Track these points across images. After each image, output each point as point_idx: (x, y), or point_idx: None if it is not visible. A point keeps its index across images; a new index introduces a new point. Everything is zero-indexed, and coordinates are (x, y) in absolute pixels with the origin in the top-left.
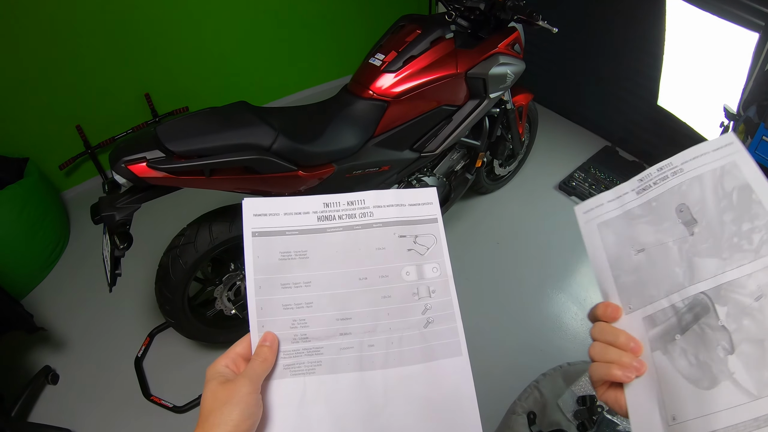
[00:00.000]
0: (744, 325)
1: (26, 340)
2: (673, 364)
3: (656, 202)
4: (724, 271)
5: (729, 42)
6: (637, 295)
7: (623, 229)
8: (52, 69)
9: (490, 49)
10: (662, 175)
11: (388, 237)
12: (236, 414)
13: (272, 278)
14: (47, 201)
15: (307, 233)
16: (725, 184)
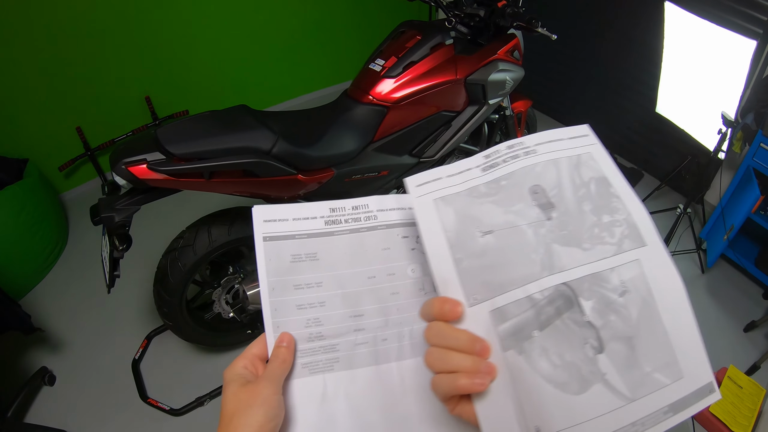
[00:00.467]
0: (611, 321)
1: (23, 340)
2: (531, 365)
3: (506, 180)
4: (587, 262)
5: (727, 50)
6: (483, 283)
7: (466, 207)
8: (52, 70)
9: (489, 56)
10: (513, 153)
11: (392, 238)
12: (260, 416)
13: (284, 280)
14: (46, 202)
15: (316, 236)
16: (582, 173)
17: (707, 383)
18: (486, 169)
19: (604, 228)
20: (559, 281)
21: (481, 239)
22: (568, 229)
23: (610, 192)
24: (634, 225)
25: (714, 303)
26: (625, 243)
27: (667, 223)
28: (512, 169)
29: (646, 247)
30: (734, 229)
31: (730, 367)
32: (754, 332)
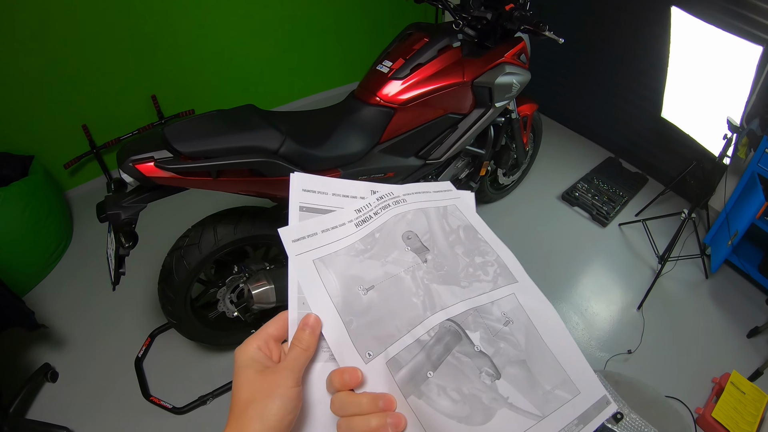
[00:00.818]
0: (501, 348)
1: (27, 337)
2: (432, 406)
3: (379, 232)
4: (467, 297)
5: (733, 55)
6: (374, 338)
7: (346, 267)
8: (59, 68)
9: (496, 59)
10: (383, 204)
11: None
12: (278, 408)
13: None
14: (51, 199)
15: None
16: (450, 222)
17: (601, 397)
18: (359, 224)
19: (477, 267)
20: (444, 318)
21: (365, 297)
22: (444, 269)
23: (477, 237)
24: (504, 265)
25: (717, 308)
26: (499, 280)
27: (671, 228)
28: (384, 220)
29: (518, 283)
30: (738, 234)
31: (733, 373)
32: (758, 338)
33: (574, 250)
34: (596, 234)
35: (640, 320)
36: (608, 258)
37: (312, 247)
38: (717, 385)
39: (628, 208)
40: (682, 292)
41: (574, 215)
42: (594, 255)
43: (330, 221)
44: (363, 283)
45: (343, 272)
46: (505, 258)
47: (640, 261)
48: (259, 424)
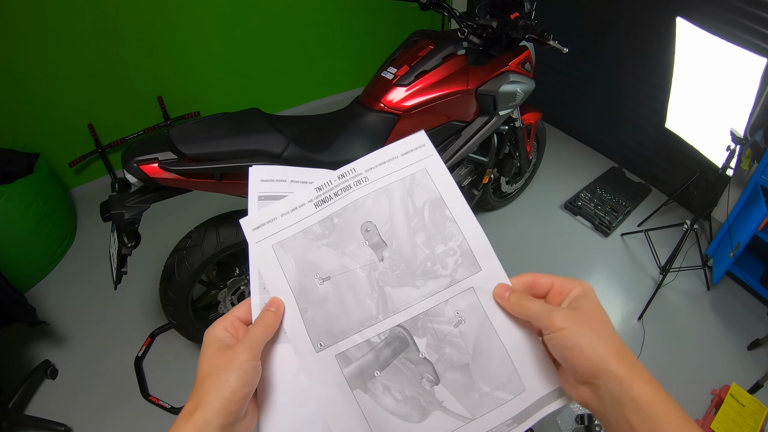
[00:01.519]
0: (446, 354)
1: (28, 333)
2: (377, 402)
3: (338, 218)
4: (421, 299)
5: (737, 66)
6: (326, 331)
7: (304, 252)
8: (67, 68)
9: (501, 67)
10: (344, 184)
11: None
12: (233, 380)
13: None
14: (55, 197)
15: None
16: (416, 198)
17: (552, 390)
18: (318, 205)
19: (437, 260)
20: (394, 324)
21: (321, 287)
22: (400, 269)
23: (444, 215)
24: (468, 251)
25: (718, 320)
26: (459, 272)
27: (673, 238)
28: (343, 204)
29: (481, 272)
30: (741, 246)
31: (733, 385)
32: (758, 350)
33: (576, 260)
34: (598, 244)
35: (641, 331)
36: (610, 268)
37: (271, 232)
38: (716, 397)
39: (630, 218)
40: (683, 304)
41: (577, 224)
42: (596, 265)
43: (289, 204)
44: (320, 272)
45: (300, 257)
46: (472, 241)
47: (641, 271)
48: (216, 395)
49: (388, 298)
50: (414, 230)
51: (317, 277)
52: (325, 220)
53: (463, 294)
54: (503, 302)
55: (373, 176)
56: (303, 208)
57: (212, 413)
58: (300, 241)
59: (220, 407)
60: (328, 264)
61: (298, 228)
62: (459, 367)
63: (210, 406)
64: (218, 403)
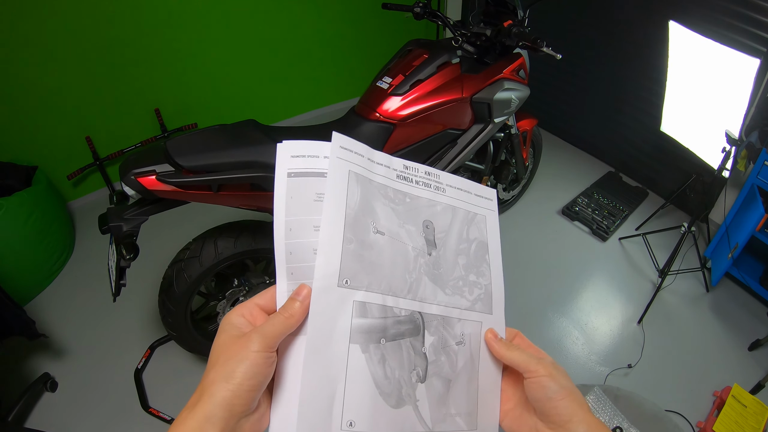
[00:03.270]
0: (441, 361)
1: (27, 346)
2: (369, 366)
3: (410, 200)
4: (444, 305)
5: (731, 68)
6: (357, 273)
7: (372, 197)
8: (64, 80)
9: (495, 75)
10: (426, 180)
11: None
12: (240, 371)
13: (304, 219)
14: (54, 210)
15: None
16: (470, 231)
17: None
18: (399, 178)
19: (467, 284)
20: (416, 308)
21: (372, 235)
22: (439, 270)
23: (484, 257)
24: (490, 294)
25: (718, 321)
26: (477, 305)
27: (671, 241)
28: (418, 194)
29: (491, 316)
30: (739, 247)
31: (734, 386)
32: (759, 351)
33: (575, 265)
34: (596, 248)
35: (641, 334)
36: (608, 272)
37: (355, 161)
38: (718, 398)
39: (628, 222)
40: (682, 306)
41: (575, 230)
42: (594, 269)
43: (380, 157)
44: (377, 222)
45: (367, 199)
46: (495, 288)
47: (640, 275)
48: (220, 386)
49: (422, 285)
50: (460, 251)
51: (373, 224)
52: (400, 193)
53: (472, 322)
54: (493, 345)
55: (450, 192)
56: (388, 169)
57: (215, 406)
58: (374, 188)
59: (224, 399)
60: (387, 222)
61: (378, 179)
62: (444, 379)
63: (213, 398)
64: (221, 395)
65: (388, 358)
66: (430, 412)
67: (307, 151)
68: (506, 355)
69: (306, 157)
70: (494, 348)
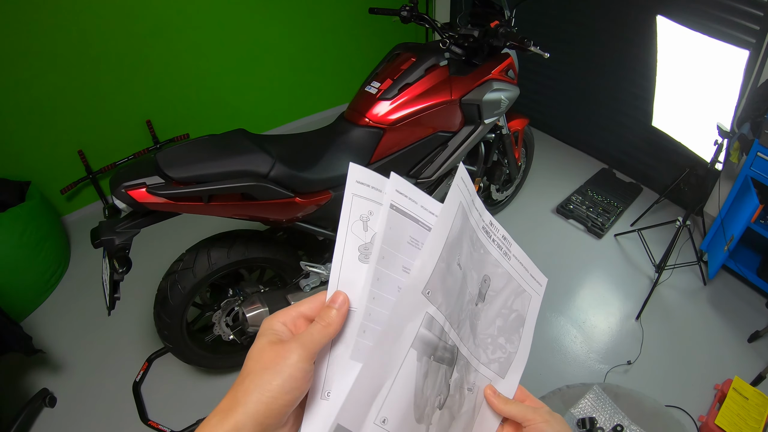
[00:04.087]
0: (455, 398)
1: (24, 362)
2: (415, 375)
3: (483, 252)
4: (469, 352)
5: (720, 61)
6: (438, 291)
7: (464, 234)
8: (55, 94)
9: (483, 76)
10: (500, 243)
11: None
12: (276, 383)
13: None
14: (48, 224)
15: None
16: (515, 303)
17: None
18: (484, 230)
19: (494, 343)
20: (456, 344)
21: (455, 265)
22: (477, 321)
23: (518, 330)
24: (509, 362)
25: (717, 314)
26: (494, 365)
27: (667, 236)
28: (491, 251)
29: (502, 380)
30: (734, 239)
31: (735, 379)
32: (759, 342)
33: (571, 263)
34: (592, 246)
35: (639, 330)
36: (605, 269)
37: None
38: (719, 391)
39: (623, 218)
40: (680, 300)
41: (570, 228)
42: (591, 267)
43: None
44: (460, 256)
45: (462, 232)
46: (518, 359)
47: (637, 271)
48: (255, 397)
49: (465, 326)
50: (500, 314)
51: (458, 257)
52: (479, 242)
53: (484, 378)
54: (491, 399)
55: (513, 262)
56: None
57: (246, 417)
58: (467, 228)
59: (256, 413)
60: (465, 261)
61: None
62: (451, 414)
63: (245, 409)
64: (254, 407)
65: (429, 375)
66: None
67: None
68: (504, 409)
69: (407, 198)
70: (492, 402)
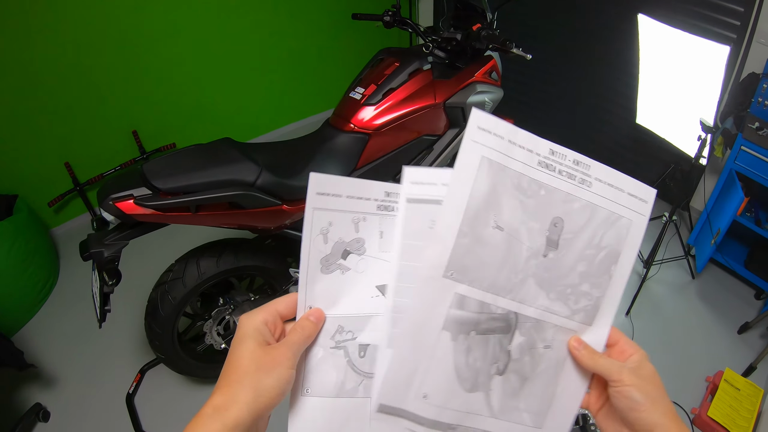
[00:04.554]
0: (524, 360)
1: (17, 377)
2: (454, 353)
3: (545, 191)
4: (543, 309)
5: (701, 57)
6: (465, 267)
7: (502, 188)
8: (40, 107)
9: (467, 79)
10: (571, 171)
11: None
12: (271, 386)
13: (417, 245)
14: (37, 238)
15: None
16: (605, 237)
17: None
18: (541, 165)
19: (575, 292)
20: (513, 309)
21: (490, 230)
22: (549, 274)
23: (609, 269)
24: (597, 307)
25: (706, 307)
26: (579, 315)
27: (654, 231)
28: (558, 186)
29: (589, 328)
30: (721, 232)
31: (726, 370)
32: (749, 333)
33: None
34: None
35: (629, 326)
36: None
37: (492, 143)
38: (711, 383)
39: None
40: (669, 295)
41: None
42: None
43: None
44: (499, 217)
45: (495, 189)
46: (607, 303)
47: None
48: (252, 395)
49: (525, 286)
50: (583, 257)
51: (494, 219)
52: (536, 183)
53: (566, 330)
54: (576, 353)
55: (596, 188)
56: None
57: (248, 414)
58: (507, 177)
59: (257, 411)
60: (510, 217)
61: (514, 166)
62: (522, 377)
63: (246, 407)
64: (255, 405)
65: (473, 349)
66: (500, 401)
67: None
68: (589, 363)
69: (425, 185)
70: (577, 356)
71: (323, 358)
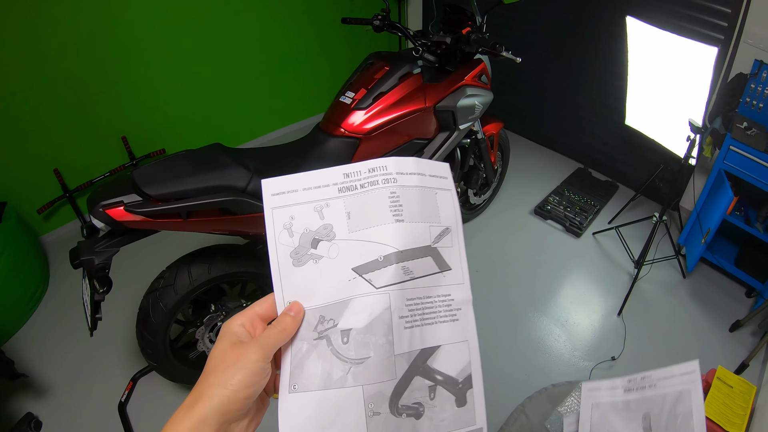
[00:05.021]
0: None
1: (8, 386)
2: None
3: (634, 404)
4: None
5: (689, 58)
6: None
7: (606, 414)
8: (29, 112)
9: (457, 82)
10: (641, 384)
11: None
12: (238, 379)
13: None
14: (26, 245)
15: None
16: (677, 408)
17: None
18: (627, 391)
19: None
20: None
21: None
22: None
23: (689, 425)
24: None
25: (698, 306)
26: None
27: (644, 232)
28: (638, 397)
29: None
30: (711, 232)
31: (719, 368)
32: (740, 331)
33: (551, 263)
34: (571, 245)
35: (622, 326)
36: (585, 267)
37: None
38: (704, 382)
39: (600, 216)
40: (661, 294)
41: (548, 228)
42: (570, 266)
43: (608, 384)
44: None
45: (602, 417)
46: None
47: (616, 267)
48: (218, 391)
49: None
50: (667, 428)
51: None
52: (626, 402)
53: None
54: None
55: (660, 385)
56: (616, 390)
57: (211, 409)
58: (608, 408)
59: (220, 404)
60: (614, 428)
61: (610, 399)
62: None
63: (210, 402)
64: (218, 399)
65: None
66: None
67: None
68: None
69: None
70: None
71: (307, 351)
